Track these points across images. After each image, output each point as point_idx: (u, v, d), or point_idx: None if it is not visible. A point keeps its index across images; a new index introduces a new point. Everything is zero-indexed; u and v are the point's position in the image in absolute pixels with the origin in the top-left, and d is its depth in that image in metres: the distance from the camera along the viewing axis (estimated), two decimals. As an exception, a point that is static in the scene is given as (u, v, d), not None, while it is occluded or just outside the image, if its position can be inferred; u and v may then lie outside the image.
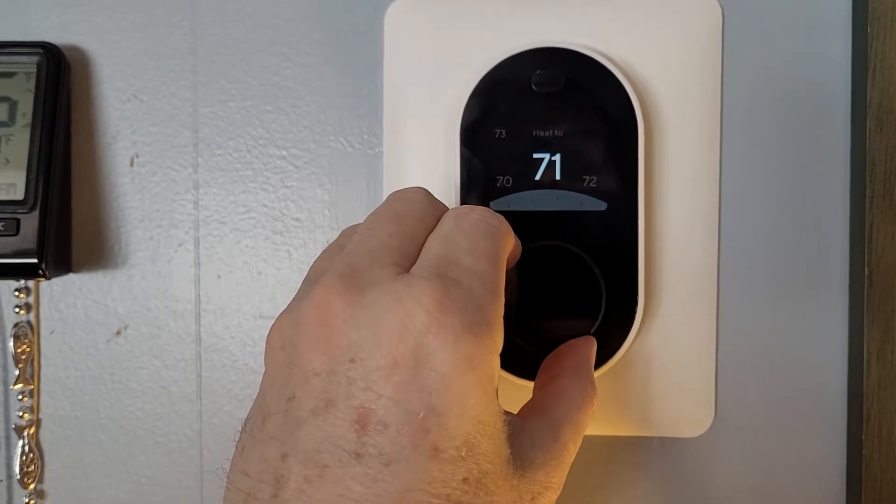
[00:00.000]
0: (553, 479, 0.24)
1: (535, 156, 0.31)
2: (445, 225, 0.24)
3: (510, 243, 0.25)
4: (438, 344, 0.21)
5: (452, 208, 0.25)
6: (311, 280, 0.25)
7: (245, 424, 0.23)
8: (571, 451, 0.25)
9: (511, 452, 0.22)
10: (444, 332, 0.21)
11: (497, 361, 0.22)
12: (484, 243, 0.24)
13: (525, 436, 0.23)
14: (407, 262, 0.23)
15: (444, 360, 0.21)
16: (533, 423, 0.25)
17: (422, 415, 0.20)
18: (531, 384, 0.28)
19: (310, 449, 0.20)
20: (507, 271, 0.26)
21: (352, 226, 0.27)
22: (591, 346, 0.29)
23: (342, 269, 0.23)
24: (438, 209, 0.25)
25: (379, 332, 0.21)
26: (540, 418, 0.25)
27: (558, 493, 0.24)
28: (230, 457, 0.35)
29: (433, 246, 0.23)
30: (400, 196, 0.26)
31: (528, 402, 0.27)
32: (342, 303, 0.22)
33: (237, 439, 0.23)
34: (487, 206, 0.31)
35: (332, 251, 0.26)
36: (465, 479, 0.20)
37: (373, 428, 0.20)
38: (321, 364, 0.21)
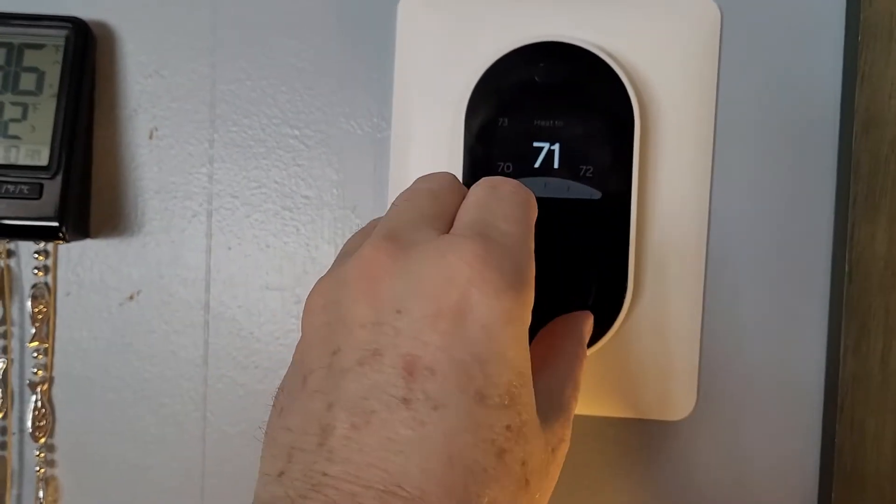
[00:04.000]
0: (566, 432, 0.25)
1: (536, 144, 0.32)
2: (479, 193, 0.25)
3: (535, 217, 0.26)
4: (481, 297, 0.22)
5: (484, 178, 0.26)
6: (348, 252, 0.25)
7: (279, 392, 0.23)
8: (574, 406, 0.26)
9: (536, 406, 0.23)
10: (486, 286, 0.22)
11: (530, 319, 0.23)
12: (518, 211, 0.25)
13: (540, 392, 0.24)
14: (446, 227, 0.24)
15: (486, 313, 0.21)
16: (543, 380, 0.26)
17: (467, 363, 0.21)
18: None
19: (356, 397, 0.21)
20: None
21: (377, 217, 0.28)
22: (585, 318, 0.30)
23: (385, 233, 0.23)
24: (465, 190, 0.27)
25: (424, 283, 0.22)
26: (549, 375, 0.26)
27: (568, 447, 0.25)
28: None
29: (469, 210, 0.25)
30: (430, 177, 0.27)
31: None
32: (388, 258, 0.22)
33: (273, 404, 0.23)
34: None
35: (366, 230, 0.27)
36: (508, 427, 0.21)
37: (420, 374, 0.21)
38: (367, 315, 0.22)
